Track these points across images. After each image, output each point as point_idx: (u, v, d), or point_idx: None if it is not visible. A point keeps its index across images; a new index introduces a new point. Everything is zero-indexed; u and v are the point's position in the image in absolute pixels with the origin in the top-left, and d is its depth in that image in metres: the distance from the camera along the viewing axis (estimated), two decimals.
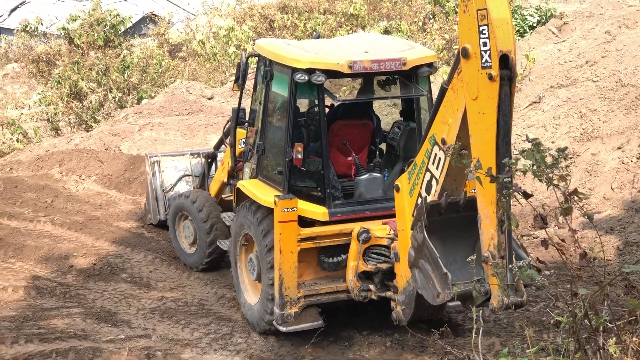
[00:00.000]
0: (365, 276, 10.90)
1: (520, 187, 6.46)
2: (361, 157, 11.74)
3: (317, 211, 11.00)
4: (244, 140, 12.66)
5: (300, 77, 10.70)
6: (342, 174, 11.48)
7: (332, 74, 10.78)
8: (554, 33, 21.45)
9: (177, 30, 36.38)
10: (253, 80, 12.40)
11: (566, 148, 7.06)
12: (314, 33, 25.23)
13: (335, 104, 11.73)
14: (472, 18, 8.37)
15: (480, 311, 9.84)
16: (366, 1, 28.91)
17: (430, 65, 11.27)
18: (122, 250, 14.41)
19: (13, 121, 24.21)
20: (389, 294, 10.66)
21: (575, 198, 6.39)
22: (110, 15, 29.72)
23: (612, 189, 15.09)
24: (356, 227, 10.82)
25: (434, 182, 9.50)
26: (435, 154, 9.39)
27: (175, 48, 33.10)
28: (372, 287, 10.84)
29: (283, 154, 11.10)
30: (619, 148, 15.93)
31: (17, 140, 23.19)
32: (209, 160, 14.89)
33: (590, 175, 15.68)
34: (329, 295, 11.12)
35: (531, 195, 6.75)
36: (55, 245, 14.63)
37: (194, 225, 13.81)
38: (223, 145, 14.32)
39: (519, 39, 22.14)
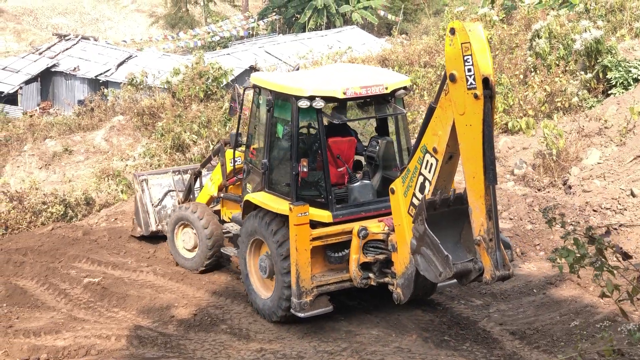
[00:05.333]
0: (364, 267, 12.96)
1: (621, 248, 6.34)
2: None
3: (323, 214, 13.02)
4: (235, 159, 15.21)
5: (303, 104, 12.73)
6: (334, 183, 13.40)
7: (329, 99, 12.96)
8: None
9: None
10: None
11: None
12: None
13: (336, 122, 13.45)
14: (457, 50, 10.58)
15: None
16: None
17: (405, 88, 13.43)
18: (222, 301, 14.52)
19: (118, 172, 24.75)
20: (386, 279, 12.83)
21: None
22: (212, 68, 30.24)
23: None
24: (356, 225, 12.93)
25: (427, 183, 11.63)
26: (427, 160, 11.55)
27: None
28: (371, 275, 12.99)
29: (290, 168, 13.11)
30: None
31: (122, 191, 23.67)
32: (195, 176, 17.09)
33: None
34: (336, 285, 13.19)
35: (630, 257, 6.65)
36: (157, 295, 14.83)
37: (194, 232, 15.86)
38: (209, 164, 16.98)
39: (623, 92, 21.78)
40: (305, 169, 12.95)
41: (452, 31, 10.66)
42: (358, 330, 13.26)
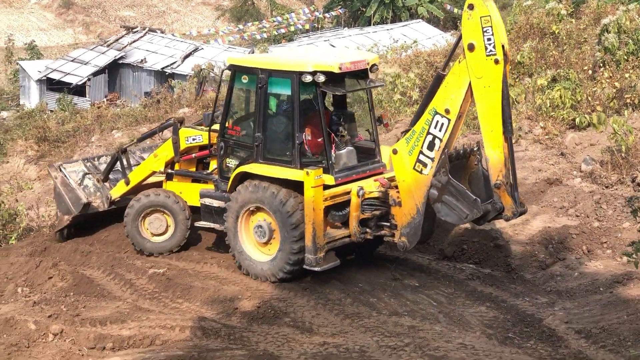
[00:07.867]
0: (361, 223, 14.38)
1: None
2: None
3: (326, 178, 14.29)
4: (192, 137, 16.30)
5: (307, 78, 14.10)
6: (315, 152, 14.66)
7: (327, 74, 14.22)
8: None
9: None
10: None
11: None
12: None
13: (339, 94, 14.99)
14: (476, 22, 12.71)
15: None
16: (533, 49, 28.55)
17: (376, 65, 15.11)
18: (286, 294, 14.55)
19: None
20: (382, 232, 14.43)
21: None
22: None
23: None
24: (354, 186, 14.40)
25: (436, 141, 13.32)
26: (438, 121, 13.26)
27: None
28: (368, 230, 14.46)
29: (291, 139, 14.47)
30: None
31: None
32: (121, 152, 17.85)
33: None
34: (340, 240, 14.67)
35: None
36: (221, 287, 14.91)
37: (166, 216, 16.55)
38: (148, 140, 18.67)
39: None
40: (309, 137, 14.37)
41: (471, 6, 12.72)
42: (421, 326, 13.21)
